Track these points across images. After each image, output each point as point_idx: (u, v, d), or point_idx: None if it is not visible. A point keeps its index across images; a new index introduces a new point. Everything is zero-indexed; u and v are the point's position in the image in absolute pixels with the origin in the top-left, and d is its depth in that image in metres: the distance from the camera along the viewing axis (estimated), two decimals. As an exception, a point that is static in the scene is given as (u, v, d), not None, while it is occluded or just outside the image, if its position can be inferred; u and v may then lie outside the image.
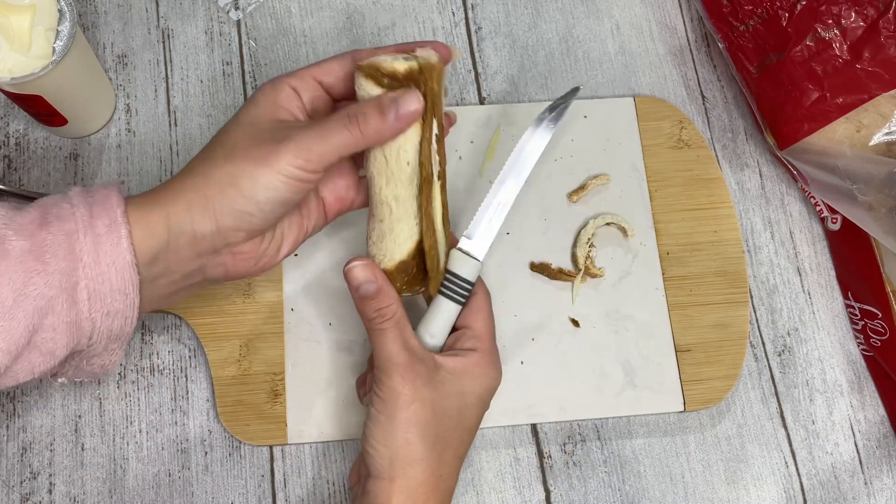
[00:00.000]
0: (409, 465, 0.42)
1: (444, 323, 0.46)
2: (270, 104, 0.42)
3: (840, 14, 0.56)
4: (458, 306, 0.47)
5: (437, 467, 0.43)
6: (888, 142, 0.55)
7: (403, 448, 0.42)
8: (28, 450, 0.52)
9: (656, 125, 0.61)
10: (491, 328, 0.47)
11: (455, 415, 0.44)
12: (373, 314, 0.44)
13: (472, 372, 0.45)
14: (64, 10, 0.49)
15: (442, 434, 0.43)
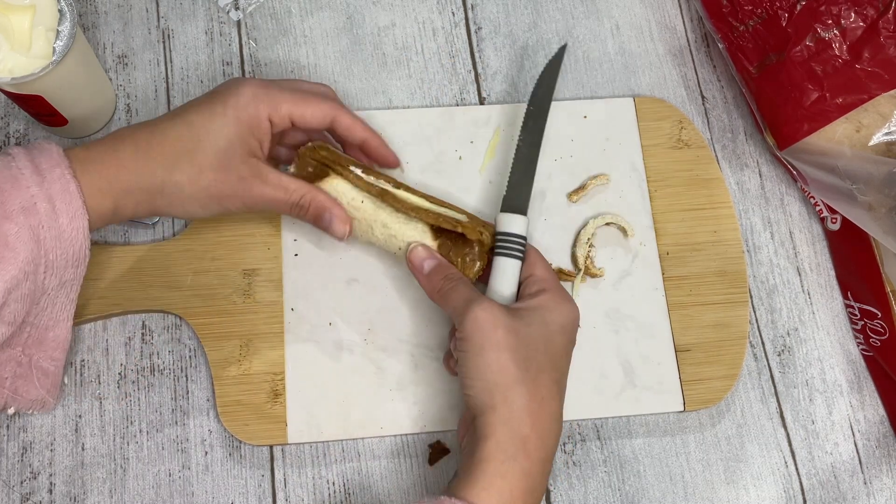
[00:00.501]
0: (508, 389, 0.42)
1: (511, 280, 0.49)
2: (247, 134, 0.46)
3: (840, 14, 0.56)
4: (517, 262, 0.50)
5: (535, 389, 0.43)
6: (888, 142, 0.55)
7: (497, 374, 0.43)
8: (28, 449, 0.52)
9: (656, 125, 0.61)
10: (551, 270, 0.50)
11: (541, 340, 0.45)
12: (440, 282, 0.48)
13: (546, 306, 0.46)
14: (64, 10, 0.49)
15: (533, 357, 0.44)
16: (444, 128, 0.60)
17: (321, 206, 0.50)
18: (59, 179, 0.42)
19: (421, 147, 0.59)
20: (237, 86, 0.47)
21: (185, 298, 0.54)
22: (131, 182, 0.45)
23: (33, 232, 0.41)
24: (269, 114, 0.47)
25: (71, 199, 0.42)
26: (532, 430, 0.42)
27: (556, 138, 0.60)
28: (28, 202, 0.41)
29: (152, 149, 0.45)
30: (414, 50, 0.63)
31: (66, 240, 0.43)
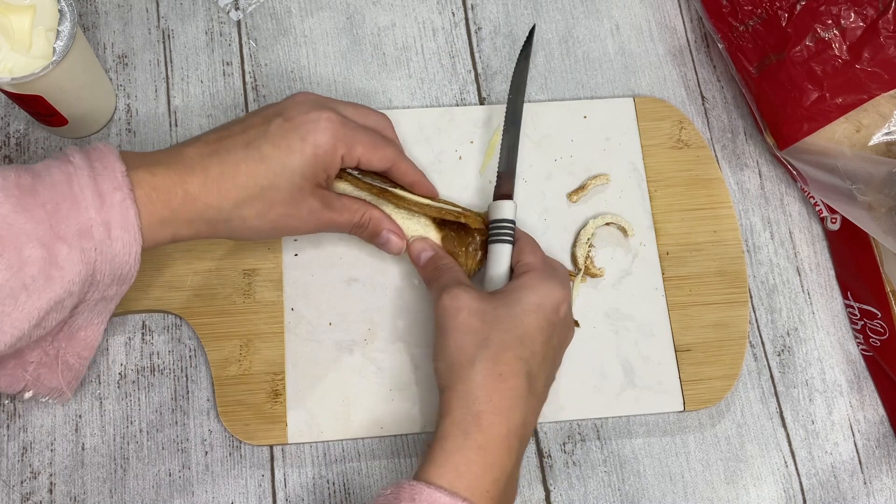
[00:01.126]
0: (463, 368, 0.43)
1: (504, 265, 0.51)
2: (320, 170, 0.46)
3: (839, 14, 0.56)
4: (508, 246, 0.52)
5: (494, 367, 0.43)
6: (888, 142, 0.55)
7: (456, 354, 0.44)
8: (28, 449, 0.52)
9: (656, 125, 0.62)
10: (540, 254, 0.51)
11: (509, 319, 0.45)
12: (432, 272, 0.50)
13: (525, 286, 0.47)
14: (64, 10, 0.49)
15: (495, 337, 0.44)
16: (444, 128, 0.60)
17: (379, 223, 0.51)
18: (119, 205, 0.40)
19: (421, 147, 0.59)
20: (317, 119, 0.45)
21: (185, 298, 0.54)
22: (196, 214, 0.43)
23: (85, 255, 0.40)
24: (343, 154, 0.47)
25: (128, 226, 0.41)
26: (488, 406, 0.42)
27: (556, 138, 0.60)
28: (85, 225, 0.40)
29: (223, 183, 0.43)
30: (414, 50, 0.63)
31: (117, 263, 0.42)
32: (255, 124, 0.46)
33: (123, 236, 0.41)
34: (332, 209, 0.48)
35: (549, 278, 0.47)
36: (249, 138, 0.45)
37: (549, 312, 0.46)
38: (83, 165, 0.41)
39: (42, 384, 0.47)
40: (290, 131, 0.45)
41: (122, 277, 0.43)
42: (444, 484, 0.40)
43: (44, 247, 0.39)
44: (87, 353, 0.48)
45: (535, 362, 0.45)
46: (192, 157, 0.44)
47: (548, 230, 0.58)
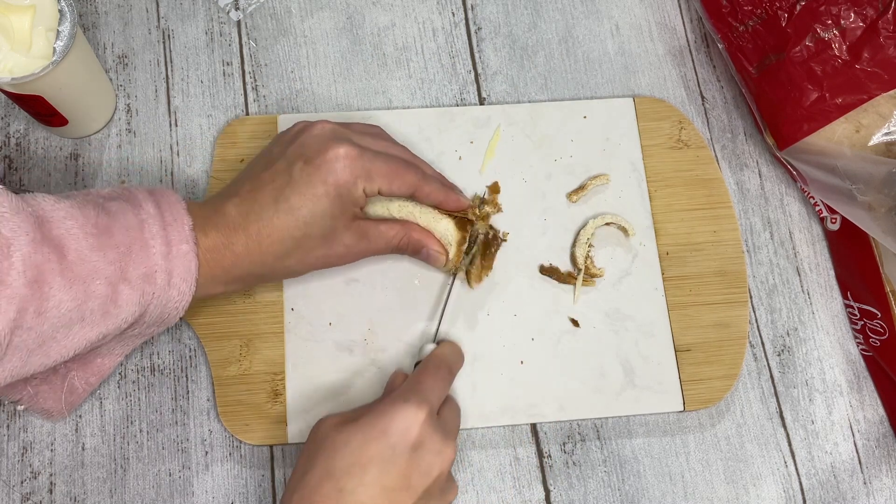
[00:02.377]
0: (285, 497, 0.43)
1: None
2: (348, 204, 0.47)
3: (839, 14, 0.56)
4: None
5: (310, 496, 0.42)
6: (887, 142, 0.55)
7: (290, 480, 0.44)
8: (29, 449, 0.52)
9: (656, 125, 0.62)
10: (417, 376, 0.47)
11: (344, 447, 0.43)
12: None
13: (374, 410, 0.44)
14: (64, 10, 0.49)
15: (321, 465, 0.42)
16: (444, 128, 0.60)
17: (418, 242, 0.52)
18: (184, 256, 0.43)
19: (421, 147, 0.59)
20: (334, 158, 0.46)
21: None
22: (245, 272, 0.46)
23: (143, 297, 0.42)
24: (364, 187, 0.47)
25: (188, 277, 0.43)
26: None
27: (556, 138, 0.61)
28: (150, 270, 0.42)
29: (263, 241, 0.45)
30: (414, 50, 0.63)
31: (168, 309, 0.44)
32: (280, 171, 0.47)
33: (181, 285, 0.43)
34: (368, 240, 0.49)
35: (403, 399, 0.44)
36: (277, 189, 0.46)
37: (393, 436, 0.42)
38: (155, 214, 0.43)
39: (38, 401, 0.48)
40: (312, 175, 0.46)
41: (165, 321, 0.45)
42: None
43: (110, 285, 0.41)
44: (95, 380, 0.49)
45: (364, 495, 0.41)
46: (234, 216, 0.46)
47: (547, 230, 0.58)
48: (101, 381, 0.49)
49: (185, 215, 0.44)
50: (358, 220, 0.49)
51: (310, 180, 0.46)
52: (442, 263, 0.53)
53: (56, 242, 0.39)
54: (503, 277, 0.57)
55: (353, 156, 0.47)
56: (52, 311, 0.39)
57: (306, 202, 0.46)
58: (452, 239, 0.52)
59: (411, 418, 0.43)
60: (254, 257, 0.46)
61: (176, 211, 0.44)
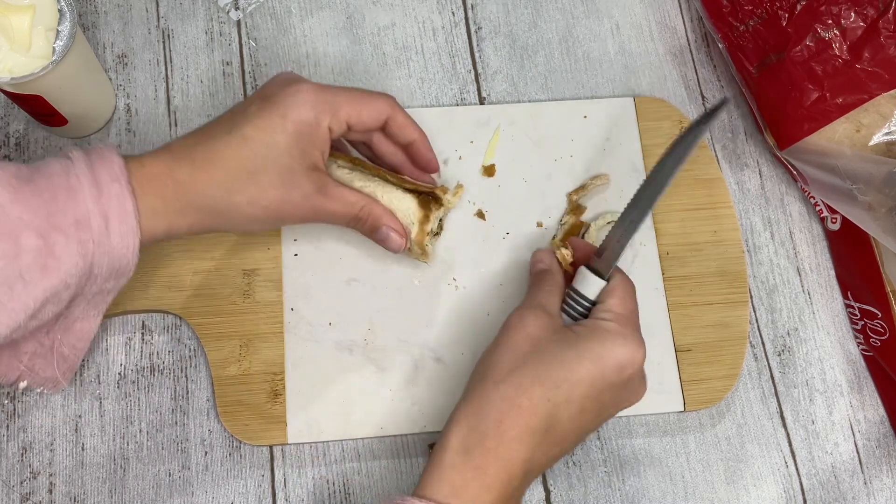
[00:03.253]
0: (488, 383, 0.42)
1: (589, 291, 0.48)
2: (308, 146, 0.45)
3: (840, 14, 0.56)
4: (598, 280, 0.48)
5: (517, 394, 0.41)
6: (888, 142, 0.55)
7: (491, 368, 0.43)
8: (28, 450, 0.52)
9: (656, 125, 0.61)
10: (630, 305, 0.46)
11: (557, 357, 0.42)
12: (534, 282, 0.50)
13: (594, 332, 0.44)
14: (64, 10, 0.49)
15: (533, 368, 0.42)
16: (444, 128, 0.60)
17: (379, 218, 0.49)
18: (116, 196, 0.40)
19: (421, 147, 0.59)
20: (294, 92, 0.45)
21: (185, 298, 0.54)
22: (188, 204, 0.43)
23: (82, 246, 0.40)
24: (329, 122, 0.46)
25: (126, 217, 0.41)
26: (496, 429, 0.40)
27: (556, 138, 0.60)
28: (82, 216, 0.40)
29: (211, 169, 0.43)
30: (414, 50, 0.63)
31: (115, 256, 0.41)
32: (238, 110, 0.45)
33: (121, 228, 0.41)
34: (328, 196, 0.47)
35: (625, 335, 0.43)
36: (232, 123, 0.44)
37: (607, 368, 0.42)
38: (81, 158, 0.41)
39: (36, 374, 0.47)
40: (269, 109, 0.44)
41: (119, 271, 0.42)
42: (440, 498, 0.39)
43: (40, 237, 0.38)
44: (82, 345, 0.48)
45: (565, 410, 0.42)
46: (179, 147, 0.44)
47: (548, 230, 0.58)
48: (87, 343, 0.47)
49: (114, 155, 0.41)
50: (319, 171, 0.46)
51: (267, 114, 0.44)
52: (399, 248, 0.51)
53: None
54: (503, 277, 0.57)
55: (313, 89, 0.45)
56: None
57: (261, 133, 0.44)
58: (415, 218, 0.51)
59: (629, 359, 0.43)
60: (199, 186, 0.43)
61: (104, 153, 0.42)
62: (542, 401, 0.41)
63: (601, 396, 0.43)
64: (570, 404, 0.42)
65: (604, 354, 0.42)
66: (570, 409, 0.42)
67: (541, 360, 0.42)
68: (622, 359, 0.43)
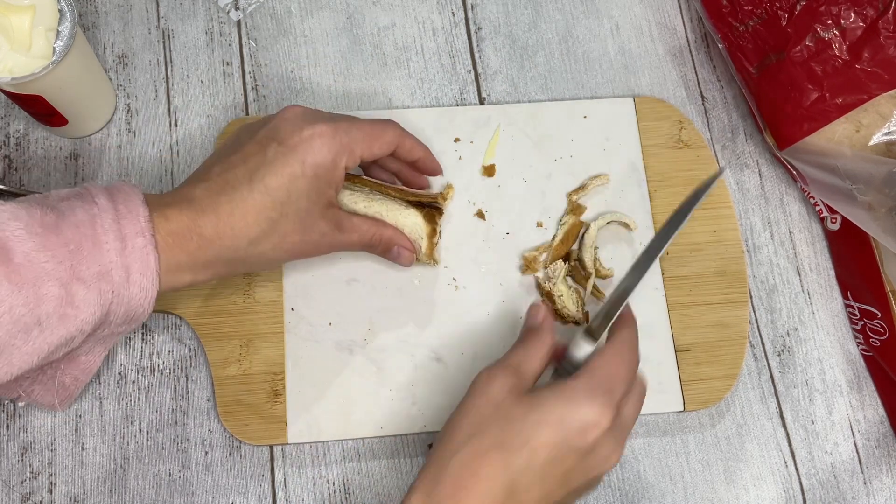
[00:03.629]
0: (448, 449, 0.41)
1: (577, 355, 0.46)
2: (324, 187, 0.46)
3: (839, 14, 0.56)
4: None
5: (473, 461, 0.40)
6: (887, 142, 0.55)
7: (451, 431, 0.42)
8: (28, 449, 0.52)
9: (656, 125, 0.62)
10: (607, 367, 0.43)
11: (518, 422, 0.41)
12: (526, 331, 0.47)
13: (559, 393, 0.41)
14: (64, 10, 0.49)
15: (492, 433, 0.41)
16: (444, 128, 0.60)
17: (390, 241, 0.51)
18: (140, 250, 0.40)
19: (421, 147, 0.59)
20: (310, 137, 0.45)
21: (185, 298, 0.54)
22: (213, 257, 0.43)
23: (102, 297, 0.40)
24: (346, 162, 0.46)
25: (147, 270, 0.41)
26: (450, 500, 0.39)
27: (556, 138, 0.61)
28: (105, 269, 0.40)
29: (235, 222, 0.43)
30: (414, 50, 0.63)
31: (132, 305, 0.42)
32: (252, 152, 0.45)
33: (141, 281, 0.41)
34: (343, 230, 0.48)
35: (592, 395, 0.41)
36: (251, 170, 0.44)
37: (570, 431, 0.40)
38: (107, 207, 0.41)
39: (34, 399, 0.48)
40: (288, 156, 0.44)
41: (134, 318, 0.43)
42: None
43: (62, 286, 0.39)
44: (84, 377, 0.48)
45: (525, 477, 0.40)
46: (202, 197, 0.43)
47: (548, 230, 0.58)
48: (89, 376, 0.48)
49: (140, 206, 0.41)
50: (333, 208, 0.47)
51: (286, 160, 0.44)
52: (410, 264, 0.53)
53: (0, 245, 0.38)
54: (503, 277, 0.57)
55: (329, 133, 0.45)
56: (5, 318, 0.37)
57: (283, 182, 0.44)
58: (423, 232, 0.53)
59: (593, 421, 0.40)
60: (225, 241, 0.43)
61: (131, 202, 0.41)
62: (500, 468, 0.40)
63: (564, 462, 0.41)
64: (530, 471, 0.40)
65: (566, 417, 0.40)
66: (531, 477, 0.40)
67: (502, 426, 0.41)
68: (586, 420, 0.40)
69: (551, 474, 0.40)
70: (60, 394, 0.48)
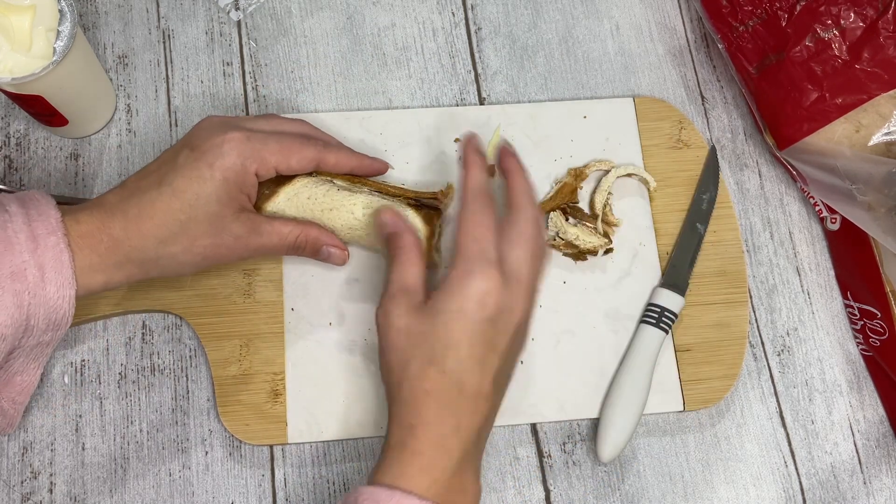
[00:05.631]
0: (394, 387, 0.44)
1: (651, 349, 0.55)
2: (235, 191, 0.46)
3: (839, 14, 0.56)
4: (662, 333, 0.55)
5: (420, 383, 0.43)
6: (887, 142, 0.55)
7: (387, 374, 0.45)
8: (29, 449, 0.52)
9: (656, 125, 0.62)
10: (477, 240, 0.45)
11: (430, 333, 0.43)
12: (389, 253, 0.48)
13: (445, 289, 0.44)
14: (64, 10, 0.49)
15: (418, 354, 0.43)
16: (444, 128, 0.60)
17: (316, 241, 0.51)
18: (52, 248, 0.41)
19: (421, 147, 0.59)
20: (221, 143, 0.46)
21: (185, 298, 0.54)
22: (124, 258, 0.44)
23: (17, 297, 0.40)
24: (257, 169, 0.47)
25: (62, 268, 0.41)
26: (417, 419, 0.43)
27: (556, 138, 0.61)
28: (18, 268, 0.40)
29: (143, 223, 0.44)
30: (414, 50, 0.63)
31: (51, 307, 0.42)
32: (166, 160, 0.46)
33: (57, 279, 0.41)
34: (260, 234, 0.48)
35: (469, 273, 0.43)
36: (161, 175, 0.45)
37: (472, 313, 0.43)
38: (18, 213, 0.42)
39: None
40: (198, 160, 0.45)
41: (57, 323, 0.43)
42: (386, 482, 0.41)
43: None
44: (23, 399, 0.47)
45: (462, 370, 0.43)
46: (112, 201, 0.44)
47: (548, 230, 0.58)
48: (27, 397, 0.47)
49: (52, 209, 0.42)
50: (248, 212, 0.47)
51: (195, 164, 0.45)
52: (342, 263, 0.52)
53: None
54: (503, 277, 0.57)
55: (240, 138, 0.46)
56: None
57: (191, 184, 0.44)
58: (422, 234, 0.51)
59: (483, 290, 0.43)
60: (133, 241, 0.44)
61: (41, 206, 0.42)
62: (439, 376, 0.43)
63: (484, 336, 0.43)
64: (462, 362, 0.43)
65: (461, 304, 0.43)
66: (466, 366, 0.43)
67: (419, 343, 0.43)
68: (476, 294, 0.43)
69: (480, 354, 0.43)
70: (1, 420, 0.47)
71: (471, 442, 0.44)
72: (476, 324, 0.43)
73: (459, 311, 0.43)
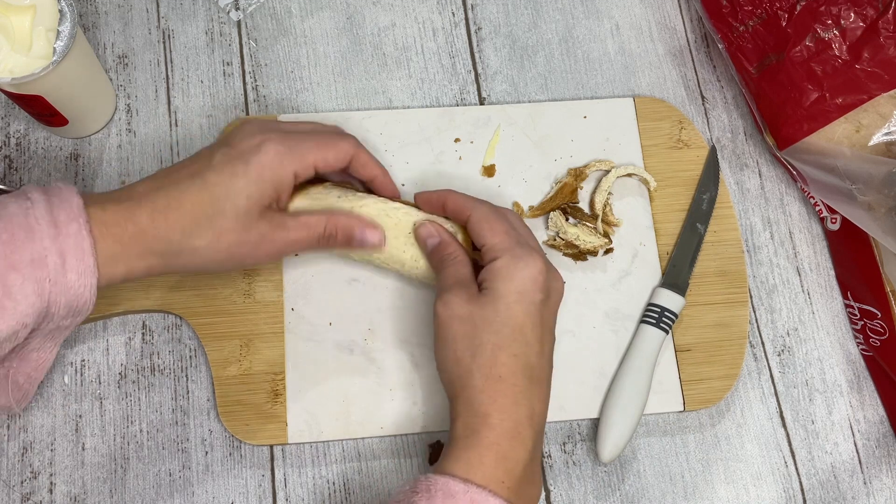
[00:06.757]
0: (464, 377, 0.45)
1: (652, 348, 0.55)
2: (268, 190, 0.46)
3: (839, 14, 0.56)
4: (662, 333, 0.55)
5: (492, 370, 0.44)
6: (887, 142, 0.55)
7: (454, 365, 0.45)
8: (29, 449, 0.52)
9: (656, 125, 0.62)
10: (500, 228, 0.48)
11: (495, 318, 0.45)
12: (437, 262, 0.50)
13: (499, 275, 0.46)
14: (64, 10, 0.49)
15: (487, 341, 0.44)
16: (444, 128, 0.60)
17: (347, 225, 0.49)
18: (74, 235, 0.40)
19: (421, 147, 0.59)
20: (259, 143, 0.46)
21: (185, 298, 0.54)
22: (147, 249, 0.43)
23: (39, 285, 0.40)
24: (296, 169, 0.46)
25: (83, 255, 0.41)
26: (492, 407, 0.43)
27: (556, 138, 0.61)
28: (39, 255, 0.40)
29: (170, 214, 0.43)
30: (414, 50, 0.63)
31: (72, 295, 0.41)
32: (202, 156, 0.46)
33: (78, 266, 0.41)
34: (287, 228, 0.47)
35: (518, 257, 0.46)
36: (195, 169, 0.45)
37: (531, 294, 0.46)
38: (40, 200, 0.41)
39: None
40: (234, 157, 0.45)
41: (77, 309, 0.42)
42: (459, 474, 0.41)
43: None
44: (38, 375, 0.47)
45: (531, 352, 0.45)
46: (141, 192, 0.44)
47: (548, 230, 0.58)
48: (43, 373, 0.47)
49: (74, 196, 0.42)
50: (275, 211, 0.47)
51: (231, 161, 0.45)
52: (381, 241, 0.50)
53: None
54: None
55: (278, 139, 0.46)
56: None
57: (223, 179, 0.44)
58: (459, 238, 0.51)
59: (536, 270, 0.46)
60: (159, 231, 0.43)
61: (64, 194, 0.42)
62: (511, 360, 0.44)
63: (542, 315, 0.46)
64: (530, 346, 0.45)
65: (520, 287, 0.45)
66: (533, 348, 0.45)
67: (486, 329, 0.45)
68: (532, 275, 0.46)
69: (541, 334, 0.46)
70: (15, 394, 0.47)
71: (541, 429, 0.45)
72: (533, 305, 0.46)
73: (519, 294, 0.45)
